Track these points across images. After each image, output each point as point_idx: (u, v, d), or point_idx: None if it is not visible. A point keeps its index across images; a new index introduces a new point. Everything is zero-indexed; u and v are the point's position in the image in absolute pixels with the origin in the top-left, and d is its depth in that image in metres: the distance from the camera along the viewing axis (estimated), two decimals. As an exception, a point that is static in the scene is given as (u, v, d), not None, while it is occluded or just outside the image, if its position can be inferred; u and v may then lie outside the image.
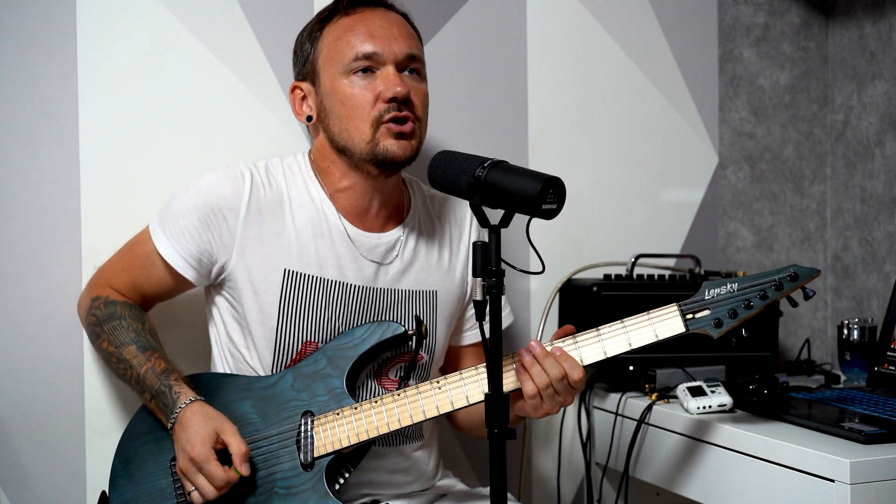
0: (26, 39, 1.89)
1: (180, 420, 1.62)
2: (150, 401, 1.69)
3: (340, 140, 1.73)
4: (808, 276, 1.64)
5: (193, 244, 1.72)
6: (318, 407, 1.68)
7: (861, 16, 2.47)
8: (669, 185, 2.42)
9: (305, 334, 1.74)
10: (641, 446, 2.01)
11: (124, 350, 1.71)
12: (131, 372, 1.70)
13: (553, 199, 1.47)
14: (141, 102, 1.96)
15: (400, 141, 1.71)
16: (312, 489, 1.65)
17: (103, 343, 1.75)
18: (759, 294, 1.63)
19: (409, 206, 1.87)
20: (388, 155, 1.71)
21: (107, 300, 1.77)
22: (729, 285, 1.64)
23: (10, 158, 1.89)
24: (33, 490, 1.91)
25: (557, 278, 2.24)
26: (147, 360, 1.69)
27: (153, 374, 1.67)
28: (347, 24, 1.75)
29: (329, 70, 1.74)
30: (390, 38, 1.73)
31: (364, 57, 1.71)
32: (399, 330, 1.73)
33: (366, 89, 1.71)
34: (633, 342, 1.63)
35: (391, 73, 1.71)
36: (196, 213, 1.72)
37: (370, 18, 1.75)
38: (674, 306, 1.64)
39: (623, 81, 2.36)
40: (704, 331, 1.63)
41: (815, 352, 2.51)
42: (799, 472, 1.65)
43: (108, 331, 1.74)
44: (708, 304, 1.64)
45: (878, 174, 2.44)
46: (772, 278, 1.64)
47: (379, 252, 1.79)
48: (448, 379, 1.65)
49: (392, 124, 1.70)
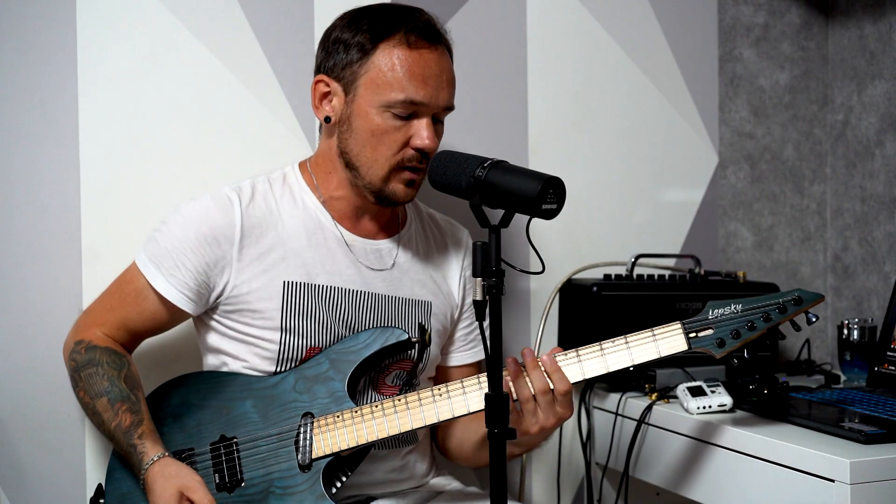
0: (26, 39, 1.89)
1: (146, 482, 1.61)
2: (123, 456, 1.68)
3: (355, 160, 1.73)
4: (811, 301, 1.65)
5: (191, 277, 1.71)
6: (319, 409, 1.69)
7: (861, 16, 2.47)
8: (669, 185, 2.42)
9: (309, 341, 1.74)
10: (641, 446, 2.01)
11: (97, 402, 1.68)
12: (104, 427, 1.68)
13: (553, 199, 1.46)
14: (141, 102, 1.96)
15: (408, 188, 1.73)
16: (309, 490, 1.65)
17: (80, 392, 1.72)
18: (762, 316, 1.64)
19: (404, 220, 1.87)
20: (392, 196, 1.73)
21: (88, 345, 1.74)
22: (733, 306, 1.65)
23: (10, 158, 1.89)
24: (33, 490, 1.91)
25: (557, 278, 2.24)
26: (115, 414, 1.66)
27: (120, 432, 1.65)
28: (405, 59, 1.68)
29: (369, 94, 1.69)
30: (439, 88, 1.71)
31: (411, 103, 1.69)
32: (403, 337, 1.73)
33: (399, 131, 1.69)
34: (635, 358, 1.63)
35: (428, 125, 1.70)
36: (190, 245, 1.70)
37: (428, 61, 1.70)
38: (677, 325, 1.64)
39: (623, 81, 2.36)
40: (707, 350, 1.64)
41: (815, 352, 2.51)
42: (799, 472, 1.65)
43: (85, 378, 1.71)
44: (711, 323, 1.64)
45: (878, 174, 2.44)
46: (776, 301, 1.65)
47: (374, 258, 1.80)
48: (449, 387, 1.65)
49: (408, 172, 1.71)
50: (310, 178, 1.80)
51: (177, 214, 1.73)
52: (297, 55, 2.03)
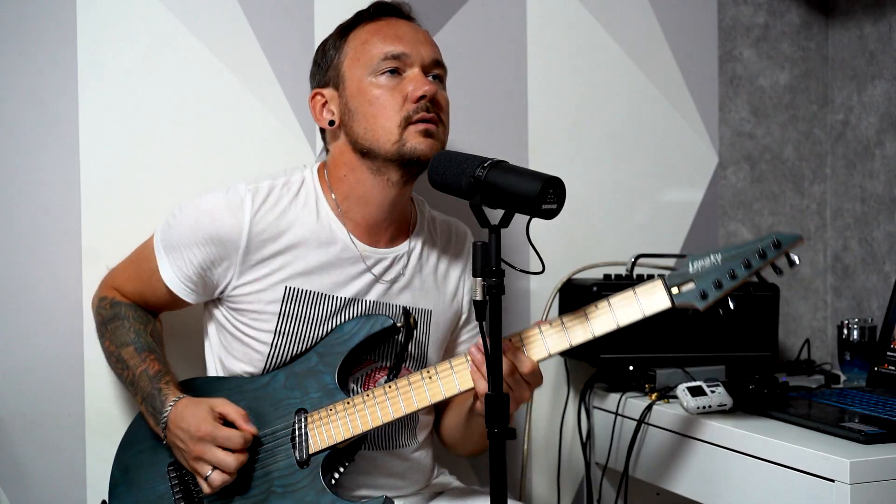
0: (26, 39, 1.89)
1: (172, 418, 1.64)
2: (141, 403, 1.71)
3: (365, 142, 1.72)
4: (790, 242, 1.61)
5: (194, 272, 1.73)
6: (311, 404, 1.69)
7: (861, 16, 2.47)
8: (669, 185, 2.42)
9: (301, 347, 1.74)
10: (641, 446, 2.01)
11: (123, 350, 1.74)
12: (128, 373, 1.73)
13: (553, 199, 1.46)
14: (141, 102, 1.96)
15: (427, 139, 1.70)
16: (309, 485, 1.65)
17: (106, 342, 1.79)
18: (742, 263, 1.61)
19: (415, 222, 1.87)
20: (415, 153, 1.70)
21: (113, 301, 1.81)
22: (712, 256, 1.62)
23: (10, 158, 1.89)
24: (33, 490, 1.91)
25: (557, 278, 2.24)
26: (142, 361, 1.71)
27: (146, 377, 1.69)
28: (374, 28, 1.76)
29: (356, 71, 1.73)
30: (417, 42, 1.74)
31: (392, 57, 1.71)
32: (388, 323, 1.72)
33: (394, 90, 1.71)
34: (620, 321, 1.62)
35: (419, 74, 1.72)
36: (197, 241, 1.71)
37: (396, 24, 1.77)
38: (657, 281, 1.62)
39: (623, 81, 2.36)
40: (690, 303, 1.61)
41: (815, 352, 2.51)
42: (799, 471, 1.65)
43: (111, 330, 1.78)
44: (692, 276, 1.61)
45: (878, 174, 2.44)
46: (755, 246, 1.61)
47: (384, 266, 1.79)
48: (438, 368, 1.65)
49: (420, 124, 1.70)
50: (326, 186, 1.79)
51: (192, 204, 1.75)
52: (298, 55, 2.03)
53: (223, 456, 1.61)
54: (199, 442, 1.61)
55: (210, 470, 1.62)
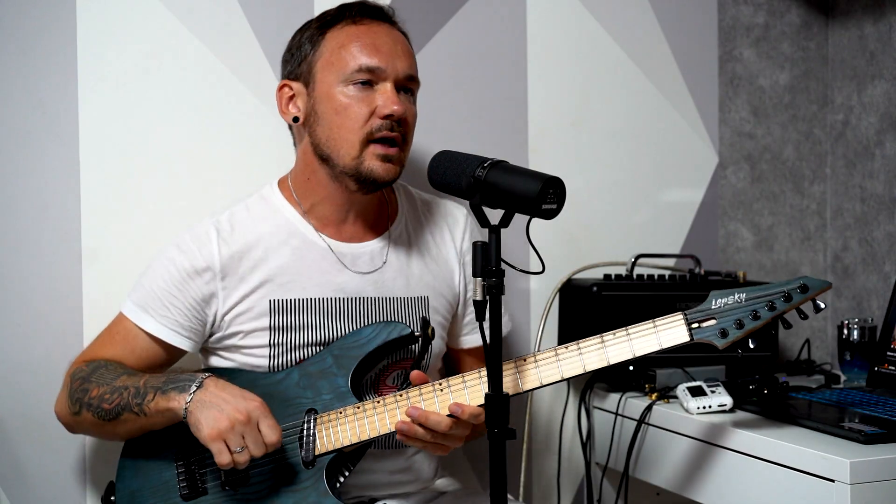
0: (26, 39, 1.89)
1: (210, 381, 1.59)
2: (153, 399, 1.63)
3: (325, 148, 1.72)
4: (818, 289, 1.62)
5: (181, 314, 1.72)
6: (322, 405, 1.69)
7: (861, 16, 2.47)
8: (669, 185, 2.42)
9: (299, 355, 1.74)
10: (641, 446, 2.01)
11: (116, 381, 1.67)
12: (127, 392, 1.64)
13: (553, 199, 1.46)
14: (141, 102, 1.96)
15: (385, 164, 1.71)
16: (312, 487, 1.65)
17: (93, 391, 1.67)
18: (767, 305, 1.60)
19: (394, 213, 1.86)
20: (371, 175, 1.71)
21: (88, 362, 1.74)
22: (737, 295, 1.61)
23: (10, 158, 1.89)
24: (33, 490, 1.91)
25: (557, 278, 2.24)
26: (139, 377, 1.66)
27: (154, 378, 1.65)
28: (353, 33, 1.73)
29: (327, 75, 1.72)
30: (394, 55, 1.72)
31: (367, 70, 1.70)
32: (406, 331, 1.73)
33: (363, 102, 1.70)
34: (636, 351, 1.61)
35: (390, 91, 1.70)
36: (175, 283, 1.71)
37: (376, 32, 1.74)
38: (679, 315, 1.62)
39: (623, 81, 2.36)
40: (709, 340, 1.61)
41: (815, 352, 2.51)
42: (799, 472, 1.65)
43: (97, 378, 1.69)
44: (714, 313, 1.61)
45: (878, 174, 2.44)
46: (781, 289, 1.61)
47: (363, 262, 1.79)
48: (450, 381, 1.65)
49: (380, 146, 1.70)
50: (289, 192, 1.80)
51: (158, 259, 1.75)
52: (297, 55, 2.03)
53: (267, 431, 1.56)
54: (251, 409, 1.56)
55: (241, 442, 1.56)
